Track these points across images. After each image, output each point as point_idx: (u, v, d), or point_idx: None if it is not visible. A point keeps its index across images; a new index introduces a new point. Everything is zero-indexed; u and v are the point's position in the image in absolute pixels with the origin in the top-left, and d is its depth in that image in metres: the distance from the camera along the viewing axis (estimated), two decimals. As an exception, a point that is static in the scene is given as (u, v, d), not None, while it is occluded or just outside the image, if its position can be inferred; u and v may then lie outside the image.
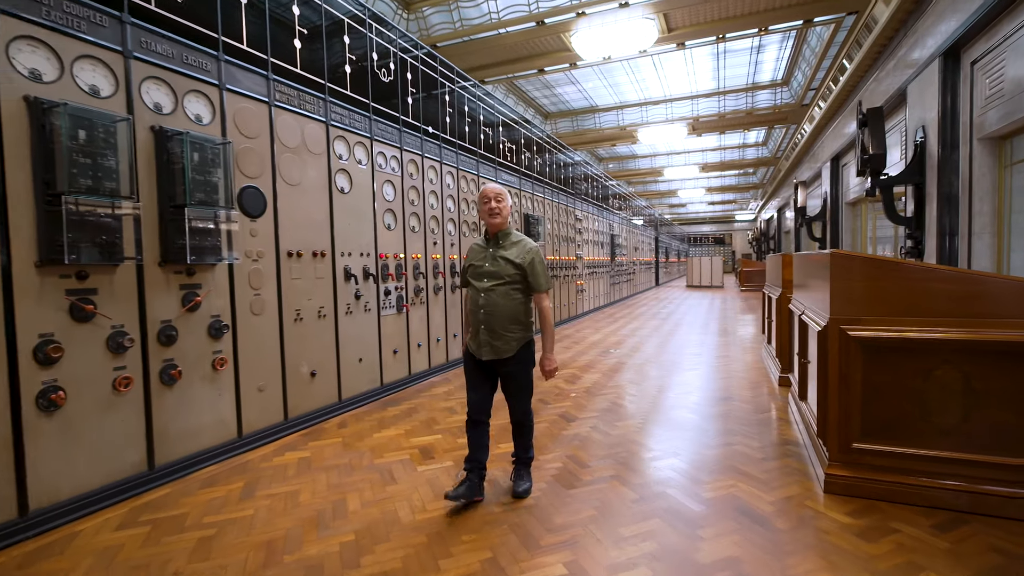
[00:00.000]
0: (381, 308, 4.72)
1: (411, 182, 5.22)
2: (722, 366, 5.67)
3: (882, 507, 2.38)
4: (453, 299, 5.95)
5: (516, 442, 2.68)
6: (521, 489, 2.59)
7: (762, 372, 5.32)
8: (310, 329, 3.91)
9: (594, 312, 11.92)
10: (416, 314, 5.26)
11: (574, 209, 10.84)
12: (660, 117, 15.37)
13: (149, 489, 2.79)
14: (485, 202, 2.55)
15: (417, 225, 5.31)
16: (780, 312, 4.64)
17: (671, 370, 5.53)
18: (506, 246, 2.56)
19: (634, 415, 3.96)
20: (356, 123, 4.46)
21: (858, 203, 13.38)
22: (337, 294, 4.18)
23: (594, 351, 6.82)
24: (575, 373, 5.49)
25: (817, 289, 2.89)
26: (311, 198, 3.96)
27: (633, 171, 23.44)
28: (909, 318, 2.34)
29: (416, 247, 5.29)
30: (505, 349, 2.49)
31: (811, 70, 11.57)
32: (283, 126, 3.72)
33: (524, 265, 2.51)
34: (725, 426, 3.63)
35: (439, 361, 5.66)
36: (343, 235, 4.26)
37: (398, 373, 4.97)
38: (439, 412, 4.17)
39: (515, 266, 2.50)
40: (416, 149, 5.31)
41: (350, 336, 4.32)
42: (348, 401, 4.27)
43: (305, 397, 3.87)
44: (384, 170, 4.81)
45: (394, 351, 4.90)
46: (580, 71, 12.34)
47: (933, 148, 7.19)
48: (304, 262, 3.87)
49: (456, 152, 6.10)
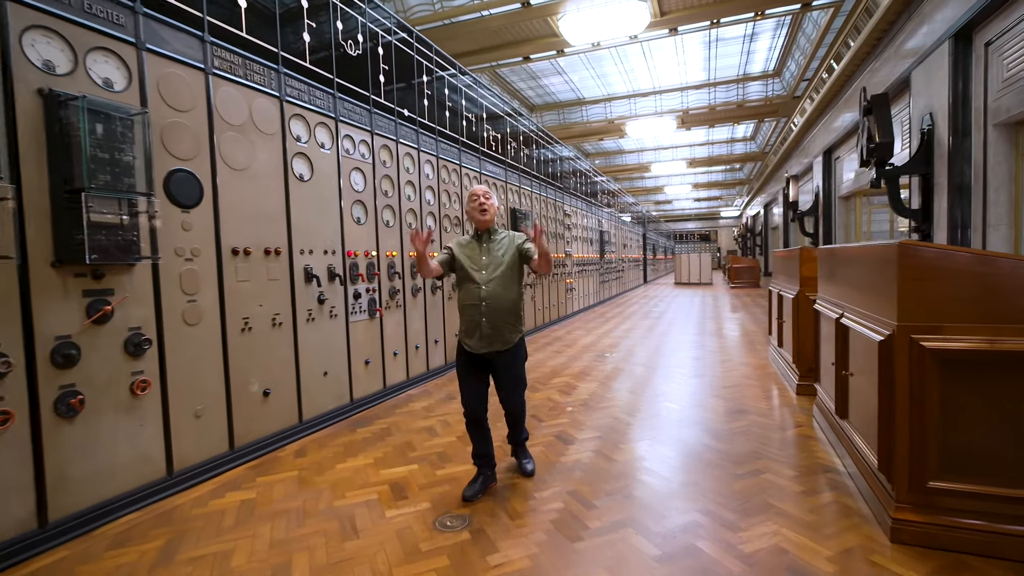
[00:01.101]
0: (350, 313, 4.13)
1: (384, 171, 4.64)
2: (727, 371, 5.19)
3: (971, 563, 1.89)
4: (433, 301, 5.38)
5: (511, 428, 2.84)
6: (530, 468, 2.85)
7: (772, 378, 4.86)
8: (262, 340, 3.32)
9: (584, 312, 11.43)
10: (391, 319, 4.68)
11: (563, 204, 10.33)
12: (649, 110, 14.95)
13: (39, 553, 2.18)
14: (474, 200, 2.66)
15: (392, 219, 4.73)
16: (798, 313, 4.17)
17: (673, 377, 5.04)
18: (497, 239, 2.68)
19: (640, 435, 3.44)
20: (317, 101, 3.86)
21: (851, 197, 13.10)
22: (296, 298, 3.59)
23: (588, 355, 6.31)
24: (569, 382, 4.97)
25: (868, 289, 2.40)
26: (262, 186, 3.36)
27: (620, 167, 23.04)
28: (1008, 325, 1.86)
29: (391, 244, 4.70)
30: (506, 340, 2.58)
31: (805, 59, 11.21)
32: (225, 99, 3.11)
33: (519, 247, 2.64)
34: (748, 447, 3.13)
35: (418, 371, 5.09)
36: (303, 230, 3.67)
37: (371, 386, 4.39)
38: (416, 433, 3.60)
39: (511, 254, 2.63)
40: (390, 134, 4.73)
41: (313, 347, 3.74)
42: (311, 422, 3.68)
43: (256, 421, 3.27)
44: (352, 156, 4.22)
45: (366, 362, 4.32)
46: (567, 60, 11.83)
47: (942, 136, 6.82)
48: (254, 261, 3.27)
49: (436, 139, 5.52)
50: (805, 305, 4.13)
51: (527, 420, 3.26)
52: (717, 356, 6.00)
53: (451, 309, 5.73)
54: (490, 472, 2.69)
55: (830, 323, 3.01)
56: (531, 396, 4.24)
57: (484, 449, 2.67)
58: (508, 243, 2.66)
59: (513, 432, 2.85)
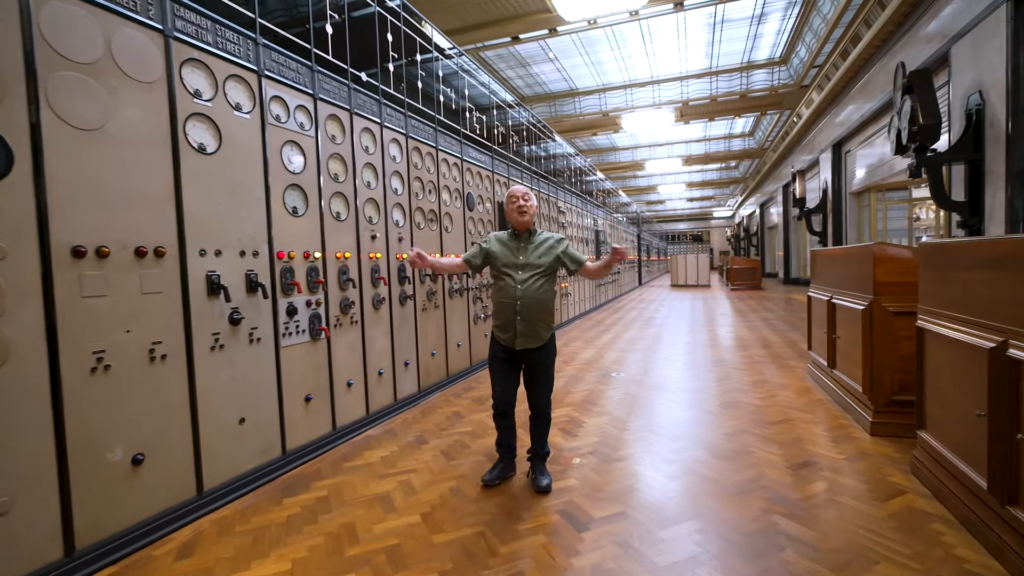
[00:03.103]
0: (281, 336, 3.07)
1: (334, 148, 3.59)
2: (765, 398, 4.21)
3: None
4: (403, 315, 4.34)
5: (534, 436, 2.73)
6: (544, 484, 2.64)
7: (824, 408, 3.88)
8: (131, 382, 2.25)
9: (580, 319, 10.44)
10: (344, 339, 3.63)
11: (556, 199, 9.33)
12: (647, 101, 14.04)
13: None
14: (513, 201, 2.65)
15: (344, 211, 3.68)
16: (872, 330, 3.19)
17: (703, 407, 4.04)
18: (536, 240, 2.69)
19: (683, 510, 2.43)
20: (229, 45, 2.81)
21: (864, 193, 12.27)
22: (192, 318, 2.53)
23: (591, 375, 5.30)
24: (574, 416, 3.95)
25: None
26: (131, 156, 2.30)
27: (613, 164, 22.15)
28: None
29: (343, 243, 3.66)
30: (539, 338, 2.64)
31: (818, 42, 10.33)
32: (60, 20, 2.05)
33: (559, 253, 2.67)
34: (845, 537, 2.13)
35: (382, 403, 4.04)
36: (204, 222, 2.61)
37: (314, 430, 3.33)
38: (366, 507, 2.56)
39: (549, 257, 2.65)
40: (340, 101, 3.69)
41: (221, 385, 2.68)
42: (217, 492, 2.62)
43: (118, 504, 2.21)
44: (285, 125, 3.17)
45: (306, 398, 3.26)
46: (560, 44, 10.86)
47: (997, 116, 5.93)
48: (116, 266, 2.21)
49: (404, 114, 4.48)
50: (882, 319, 3.15)
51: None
52: (746, 376, 5.02)
53: (425, 321, 4.69)
54: (510, 460, 2.82)
55: (939, 345, 2.02)
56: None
57: (508, 440, 2.79)
58: (548, 247, 2.69)
59: (535, 438, 2.74)
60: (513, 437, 2.80)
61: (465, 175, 5.59)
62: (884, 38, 8.76)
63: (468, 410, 4.22)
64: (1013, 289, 1.82)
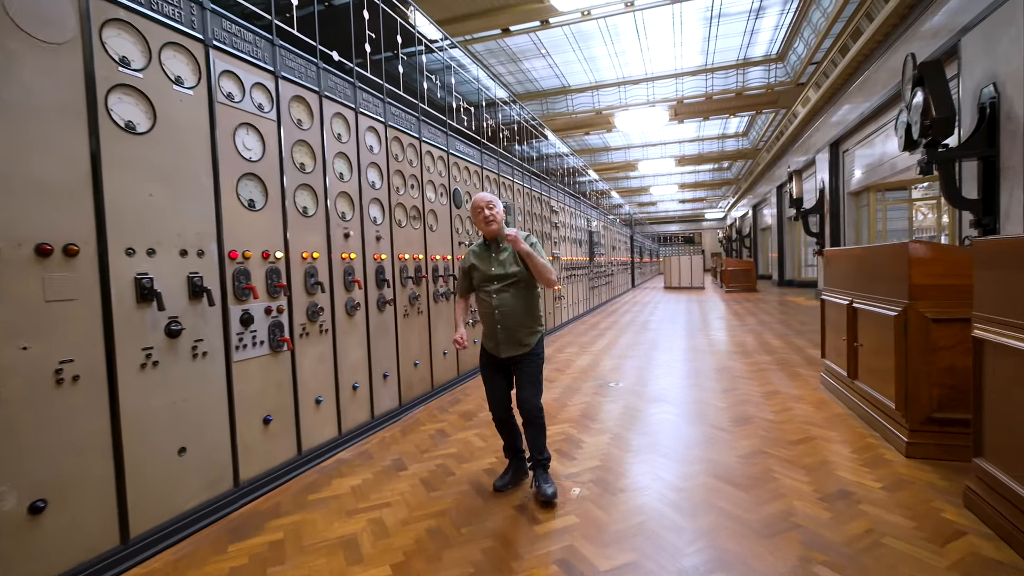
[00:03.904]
0: (233, 348, 2.65)
1: (300, 134, 3.17)
2: (780, 413, 3.85)
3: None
4: (382, 321, 3.92)
5: (530, 443, 2.62)
6: (549, 493, 2.50)
7: (846, 423, 3.53)
8: (26, 411, 1.82)
9: (574, 322, 10.06)
10: (312, 350, 3.21)
11: (549, 199, 8.95)
12: (641, 99, 13.72)
13: None
14: (478, 212, 2.58)
15: (313, 206, 3.26)
16: (908, 339, 2.83)
17: (711, 423, 3.67)
18: (506, 247, 2.61)
19: (705, 559, 2.04)
20: (167, 6, 2.39)
21: (863, 193, 12.02)
22: (115, 331, 2.10)
23: (588, 385, 4.91)
24: (570, 433, 3.56)
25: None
26: (33, 133, 1.87)
27: (605, 165, 21.86)
28: None
29: (311, 241, 3.24)
30: (523, 344, 2.58)
31: (817, 37, 10.06)
32: (-71, -41, 1.63)
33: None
34: (905, 593, 1.75)
35: (357, 420, 3.62)
36: (133, 215, 2.19)
37: (274, 456, 2.91)
38: (326, 555, 2.14)
39: (518, 264, 2.58)
40: (309, 82, 3.27)
41: (152, 410, 2.24)
42: (145, 539, 2.18)
43: (8, 566, 1.77)
44: (239, 105, 2.75)
45: (265, 419, 2.84)
46: (552, 38, 10.50)
47: (1014, 109, 5.62)
48: (5, 266, 1.78)
49: (384, 101, 4.07)
50: (919, 327, 2.79)
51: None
52: (754, 385, 4.65)
53: (407, 328, 4.28)
54: (520, 465, 2.77)
55: (1003, 359, 1.65)
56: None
57: (514, 443, 2.74)
58: (512, 251, 2.61)
59: (532, 446, 2.63)
60: (519, 439, 2.76)
61: (452, 170, 5.19)
62: (887, 32, 8.49)
63: (454, 427, 3.81)
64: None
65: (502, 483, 2.69)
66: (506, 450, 2.79)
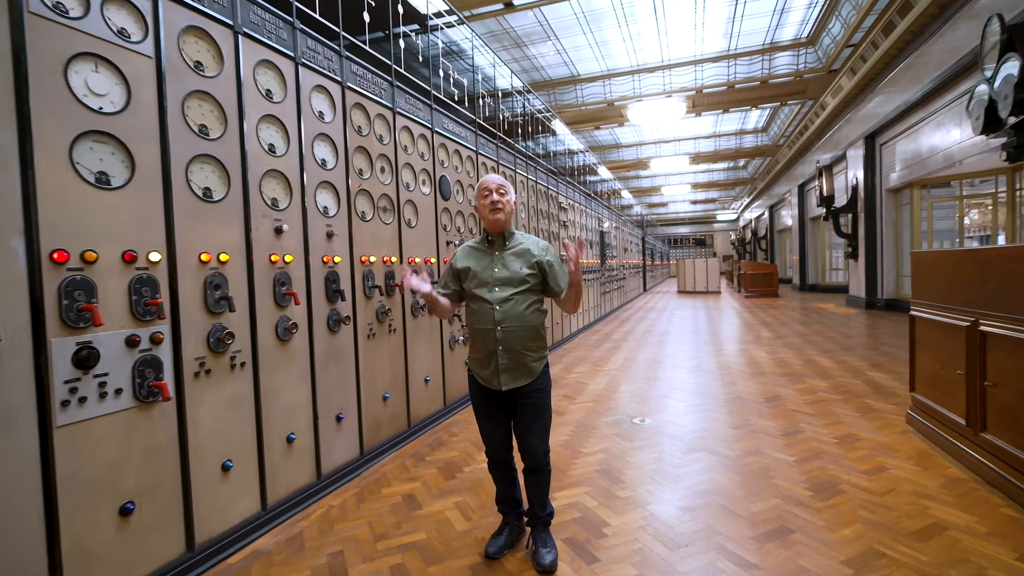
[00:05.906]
0: (58, 405, 1.67)
1: (197, 81, 2.20)
2: (877, 476, 2.82)
3: None
4: (336, 344, 2.93)
5: (530, 495, 2.15)
6: (548, 561, 2.02)
7: (980, 499, 2.50)
8: None
9: (584, 332, 9.05)
10: (217, 395, 2.22)
11: (557, 194, 7.95)
12: (656, 89, 12.70)
13: None
14: (485, 195, 2.08)
15: (220, 188, 2.28)
16: None
17: (782, 491, 2.65)
18: (513, 246, 2.10)
19: None
20: None
21: (904, 189, 10.85)
22: None
23: (604, 422, 3.90)
24: (588, 507, 2.54)
25: None
26: None
27: (616, 163, 20.84)
28: None
29: (216, 238, 2.25)
30: (529, 371, 2.04)
31: (858, 14, 8.98)
32: None
33: (542, 262, 2.07)
34: None
35: (295, 484, 2.62)
36: None
37: (140, 561, 1.92)
38: None
39: (530, 266, 2.05)
40: (214, 11, 2.29)
41: None
42: None
43: None
44: (78, 25, 1.78)
45: (124, 508, 1.85)
46: (560, 17, 9.52)
47: None
48: None
49: (340, 55, 3.10)
50: None
51: None
52: (821, 426, 3.62)
53: (372, 352, 3.29)
54: (517, 522, 2.26)
55: None
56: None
57: (510, 493, 2.23)
58: (527, 252, 2.08)
59: (533, 497, 2.14)
60: (516, 488, 2.27)
61: (438, 152, 4.20)
62: (943, 4, 7.43)
63: (429, 490, 2.81)
64: None
65: (496, 548, 2.15)
66: (499, 502, 2.26)
